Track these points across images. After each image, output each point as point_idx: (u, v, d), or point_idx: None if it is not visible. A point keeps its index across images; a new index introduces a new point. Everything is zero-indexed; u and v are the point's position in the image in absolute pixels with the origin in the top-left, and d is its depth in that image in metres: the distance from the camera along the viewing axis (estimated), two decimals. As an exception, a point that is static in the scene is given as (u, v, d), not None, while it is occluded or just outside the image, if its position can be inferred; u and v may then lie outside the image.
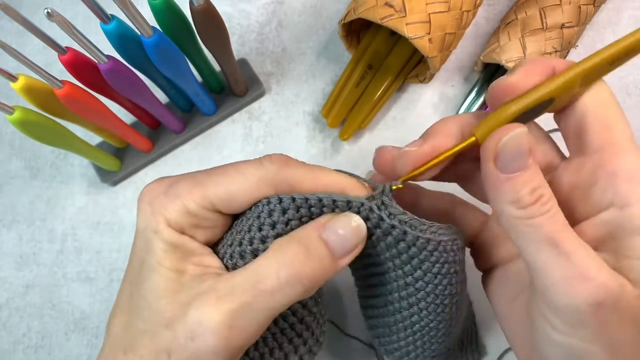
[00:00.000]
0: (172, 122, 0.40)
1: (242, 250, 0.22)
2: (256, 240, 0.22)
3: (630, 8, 0.44)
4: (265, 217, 0.22)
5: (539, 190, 0.19)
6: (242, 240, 0.23)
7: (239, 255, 0.22)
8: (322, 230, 0.22)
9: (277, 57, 0.44)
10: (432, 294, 0.24)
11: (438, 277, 0.24)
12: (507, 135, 0.19)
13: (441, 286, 0.24)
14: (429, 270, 0.23)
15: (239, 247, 0.23)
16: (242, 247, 0.22)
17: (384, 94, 0.41)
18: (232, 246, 0.23)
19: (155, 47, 0.29)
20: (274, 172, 0.22)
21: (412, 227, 0.22)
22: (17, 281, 0.40)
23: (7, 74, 0.27)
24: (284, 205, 0.22)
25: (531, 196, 0.19)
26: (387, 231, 0.23)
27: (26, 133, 0.31)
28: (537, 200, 0.19)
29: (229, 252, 0.23)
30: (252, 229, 0.22)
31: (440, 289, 0.24)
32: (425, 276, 0.24)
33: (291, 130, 0.43)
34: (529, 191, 0.19)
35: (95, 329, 0.39)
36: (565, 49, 0.38)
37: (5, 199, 0.42)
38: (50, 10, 0.24)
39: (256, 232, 0.22)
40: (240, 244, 0.23)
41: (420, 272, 0.24)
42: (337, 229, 0.22)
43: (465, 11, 0.37)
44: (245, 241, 0.22)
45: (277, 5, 0.46)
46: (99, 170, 0.41)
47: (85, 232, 0.41)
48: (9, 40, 0.26)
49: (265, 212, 0.22)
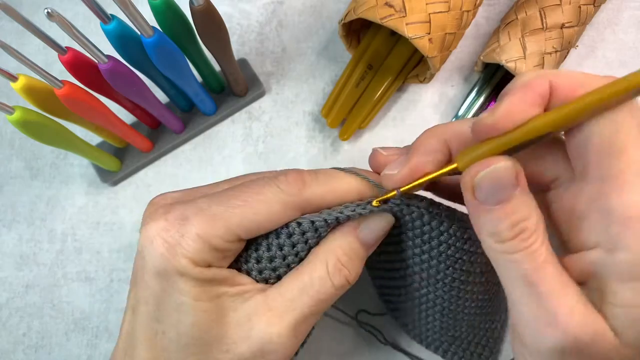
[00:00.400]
0: (172, 122, 0.40)
1: (275, 266, 0.24)
2: (290, 257, 0.24)
3: (630, 8, 0.44)
4: (299, 237, 0.23)
5: (520, 225, 0.18)
6: (272, 257, 0.24)
7: (272, 270, 0.24)
8: (358, 232, 0.24)
9: (277, 57, 0.44)
10: (434, 268, 0.26)
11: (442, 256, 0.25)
12: (484, 170, 0.18)
13: (443, 264, 0.25)
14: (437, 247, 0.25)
15: (270, 263, 0.24)
16: (274, 262, 0.24)
17: (384, 94, 0.41)
18: (260, 263, 0.24)
19: (155, 47, 0.29)
20: (296, 195, 0.22)
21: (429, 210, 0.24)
22: (17, 281, 0.40)
23: (7, 74, 0.27)
24: (315, 226, 0.23)
25: (510, 231, 0.18)
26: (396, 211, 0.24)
27: (26, 133, 0.31)
28: (516, 236, 0.18)
29: (257, 268, 0.24)
30: (284, 248, 0.24)
31: (443, 267, 0.26)
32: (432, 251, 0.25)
33: (291, 130, 0.43)
34: (508, 226, 0.18)
35: (95, 329, 0.39)
36: (565, 49, 0.38)
37: (5, 199, 0.42)
38: (50, 10, 0.24)
39: (290, 248, 0.24)
40: (270, 261, 0.24)
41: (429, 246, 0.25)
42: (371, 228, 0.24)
43: (465, 11, 0.37)
44: (278, 258, 0.24)
45: (277, 5, 0.46)
46: (99, 170, 0.41)
47: (85, 232, 0.41)
48: (9, 40, 0.26)
49: (297, 233, 0.23)
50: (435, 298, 0.28)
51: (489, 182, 0.18)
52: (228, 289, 0.22)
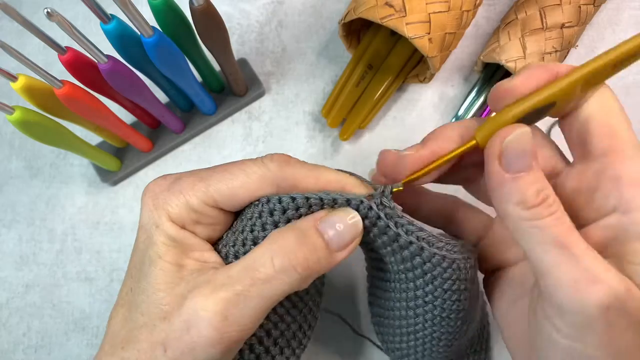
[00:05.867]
0: (172, 122, 0.40)
1: (246, 250, 0.23)
2: (260, 240, 0.22)
3: (630, 8, 0.44)
4: (267, 217, 0.22)
5: (544, 192, 0.19)
6: (244, 240, 0.23)
7: (243, 253, 0.23)
8: (318, 222, 0.22)
9: (277, 57, 0.44)
10: (440, 308, 0.25)
11: (448, 293, 0.24)
12: (511, 134, 0.19)
13: (449, 301, 0.24)
14: (440, 286, 0.24)
15: (242, 246, 0.23)
16: (246, 246, 0.23)
17: (384, 94, 0.41)
18: (234, 246, 0.23)
19: (155, 47, 0.29)
20: (276, 170, 0.22)
21: (429, 244, 0.23)
22: (17, 281, 0.40)
23: (7, 74, 0.27)
24: (284, 205, 0.22)
25: (537, 197, 0.19)
26: (383, 230, 0.23)
27: (26, 133, 0.31)
28: (543, 202, 0.19)
29: (232, 252, 0.23)
30: (254, 229, 0.23)
31: (449, 304, 0.24)
32: (435, 291, 0.24)
33: (291, 130, 0.43)
34: (535, 192, 0.19)
35: (95, 329, 0.39)
36: (565, 48, 0.38)
37: (5, 199, 0.42)
38: (50, 10, 0.24)
39: (260, 230, 0.22)
40: (243, 244, 0.23)
41: (432, 287, 0.24)
42: (334, 222, 0.22)
43: (465, 11, 0.37)
44: (249, 240, 0.23)
45: (277, 5, 0.46)
46: (99, 170, 0.41)
47: (85, 232, 0.41)
48: (9, 40, 0.26)
49: (266, 211, 0.22)
50: (441, 335, 0.27)
51: (517, 146, 0.19)
52: (191, 261, 0.22)
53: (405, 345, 0.29)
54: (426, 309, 0.25)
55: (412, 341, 0.28)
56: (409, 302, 0.26)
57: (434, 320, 0.25)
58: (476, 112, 0.41)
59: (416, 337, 0.27)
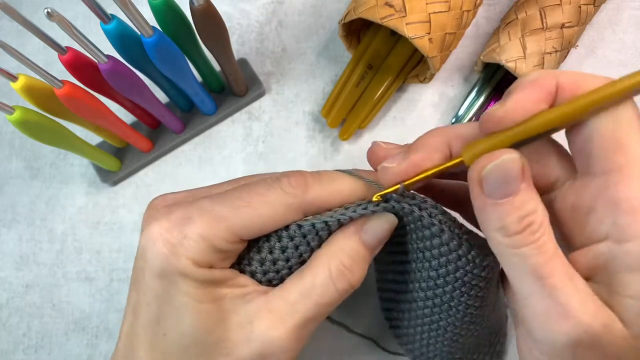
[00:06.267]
0: (172, 122, 0.40)
1: (278, 269, 0.24)
2: (293, 259, 0.24)
3: (630, 8, 0.44)
4: (301, 239, 0.23)
5: (527, 218, 0.18)
6: (275, 260, 0.24)
7: (275, 272, 0.24)
8: (361, 234, 0.23)
9: (277, 57, 0.44)
10: (449, 295, 0.25)
11: (458, 282, 0.24)
12: (492, 162, 0.18)
13: (458, 291, 0.24)
14: (453, 273, 0.24)
15: (273, 265, 0.24)
16: (277, 265, 0.24)
17: (384, 94, 0.41)
18: (262, 265, 0.24)
19: (155, 47, 0.29)
20: (299, 197, 0.22)
21: (450, 228, 0.23)
22: (17, 281, 0.40)
23: (7, 74, 0.27)
24: (317, 229, 0.23)
25: (519, 224, 0.18)
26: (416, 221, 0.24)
27: (26, 133, 0.31)
28: (525, 228, 0.18)
29: (261, 270, 0.24)
30: (286, 250, 0.23)
31: (457, 293, 0.24)
32: (447, 276, 0.24)
33: (291, 130, 0.43)
34: (516, 219, 0.18)
35: (95, 329, 0.39)
36: (565, 48, 0.38)
37: (5, 199, 0.42)
38: (50, 10, 0.24)
39: (293, 251, 0.23)
40: (274, 263, 0.24)
41: (445, 270, 0.24)
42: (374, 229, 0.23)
43: (465, 11, 0.37)
44: (280, 260, 0.24)
45: (277, 5, 0.46)
46: (99, 170, 0.41)
47: (85, 232, 0.41)
48: (9, 40, 0.26)
49: (299, 235, 0.23)
50: (447, 325, 0.27)
51: (497, 174, 0.18)
52: (230, 290, 0.22)
53: (412, 330, 0.30)
54: (437, 292, 0.25)
55: (419, 326, 0.29)
56: (422, 282, 0.26)
57: (441, 307, 0.26)
58: (476, 112, 0.41)
59: (423, 322, 0.28)
